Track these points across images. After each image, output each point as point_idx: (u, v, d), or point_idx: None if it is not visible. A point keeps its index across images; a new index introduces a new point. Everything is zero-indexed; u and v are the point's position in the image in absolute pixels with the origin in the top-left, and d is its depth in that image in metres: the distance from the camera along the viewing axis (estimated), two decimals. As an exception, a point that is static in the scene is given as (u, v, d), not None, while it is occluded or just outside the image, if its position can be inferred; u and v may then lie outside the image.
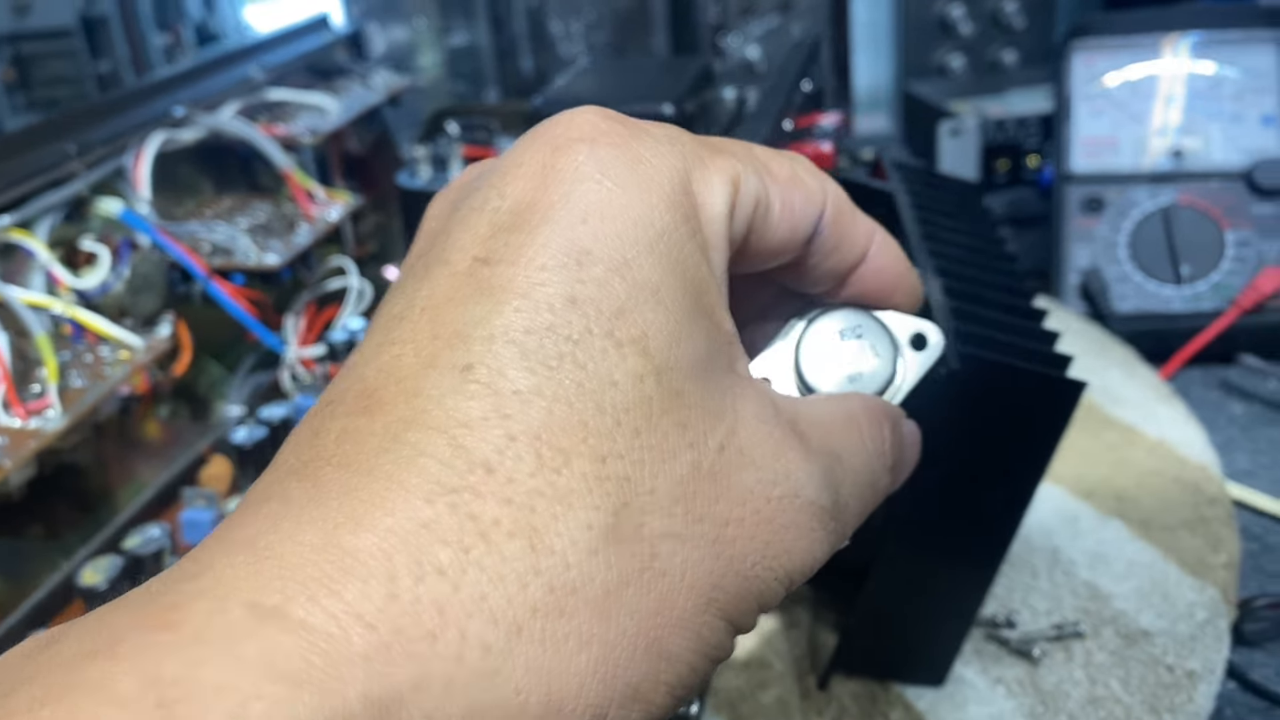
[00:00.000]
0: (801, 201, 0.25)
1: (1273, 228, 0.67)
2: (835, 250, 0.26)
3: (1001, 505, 0.37)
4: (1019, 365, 0.34)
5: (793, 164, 0.25)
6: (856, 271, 0.27)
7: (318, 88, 0.74)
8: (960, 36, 1.34)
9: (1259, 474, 0.58)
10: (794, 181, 0.25)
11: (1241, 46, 0.71)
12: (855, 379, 0.27)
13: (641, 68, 0.68)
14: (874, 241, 0.27)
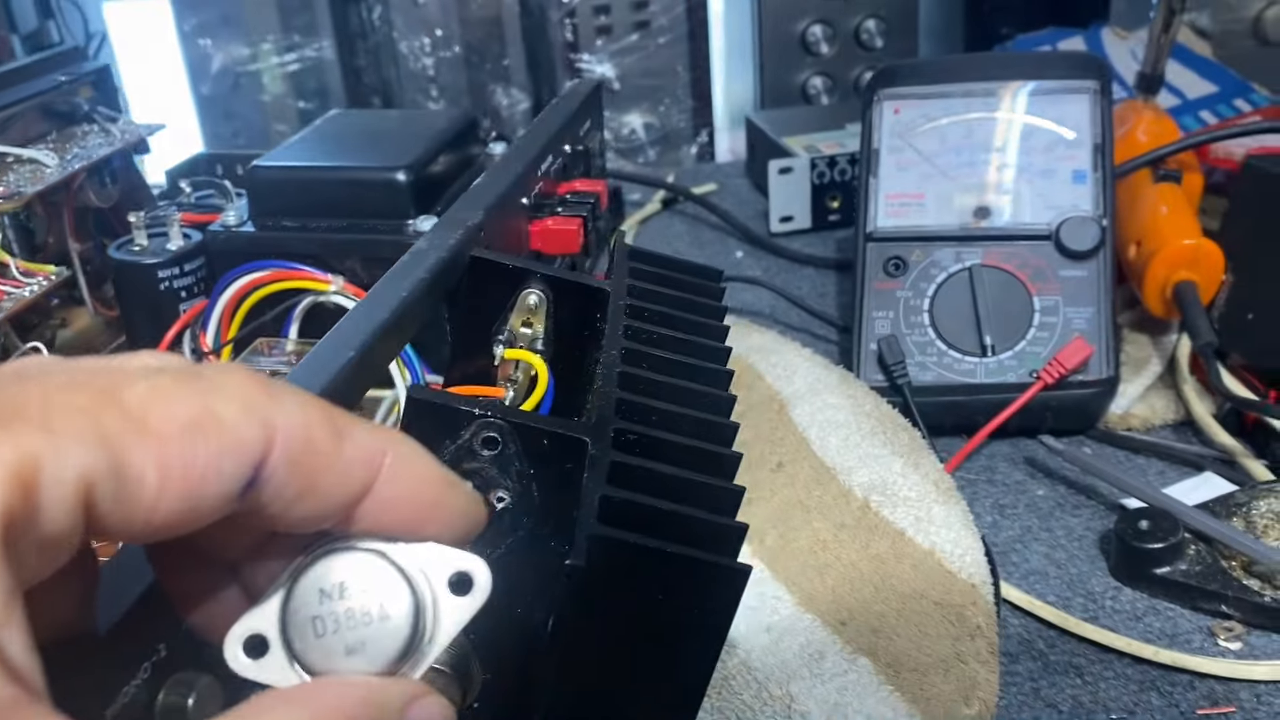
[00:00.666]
0: (209, 456, 0.19)
1: (1080, 293, 0.63)
2: (307, 494, 0.20)
3: (666, 693, 0.32)
4: (664, 550, 0.29)
5: (207, 401, 0.19)
6: (362, 506, 0.21)
7: (50, 136, 0.66)
8: (820, 56, 1.30)
9: (1051, 574, 0.54)
10: (193, 432, 0.19)
11: (1055, 97, 0.67)
12: (355, 649, 0.21)
13: (387, 123, 0.62)
14: (382, 467, 0.21)
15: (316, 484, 0.20)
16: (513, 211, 0.49)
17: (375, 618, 0.21)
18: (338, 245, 0.51)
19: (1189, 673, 0.47)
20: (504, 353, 0.41)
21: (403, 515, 0.22)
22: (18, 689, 0.16)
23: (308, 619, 0.21)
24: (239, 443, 0.19)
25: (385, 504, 0.21)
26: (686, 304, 0.42)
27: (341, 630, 0.21)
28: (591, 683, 0.31)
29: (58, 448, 0.17)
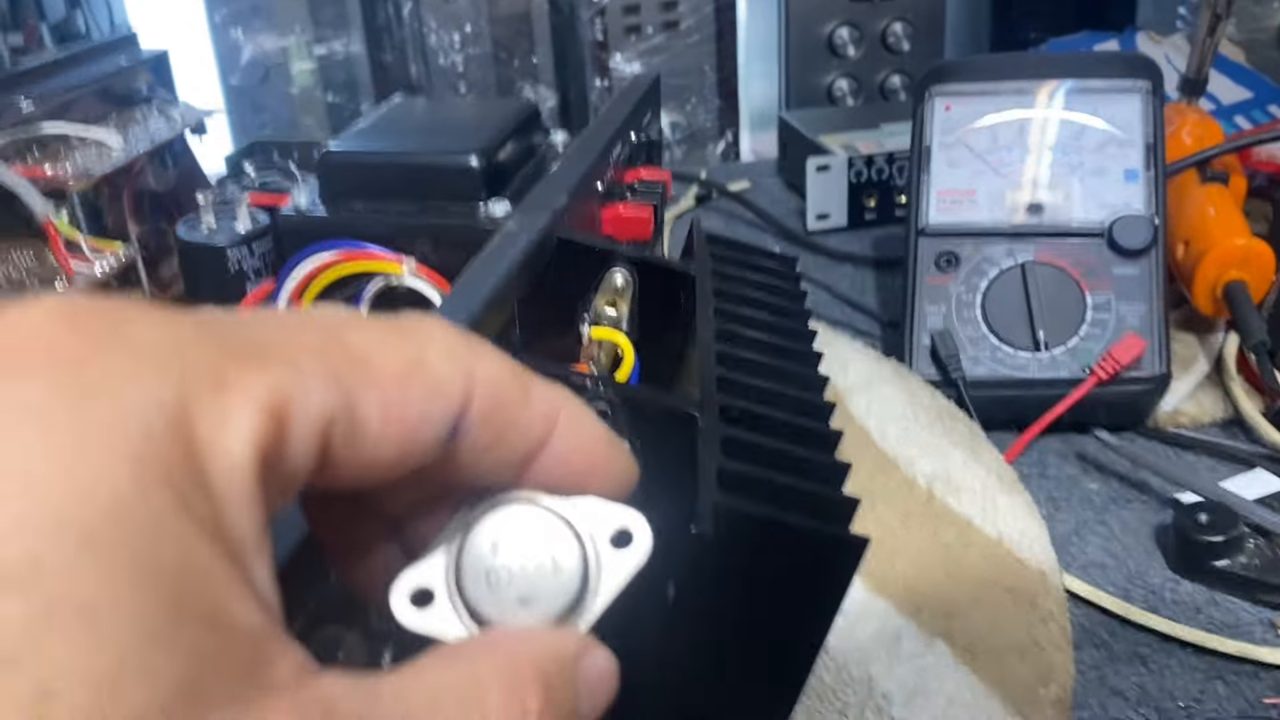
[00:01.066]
0: (422, 401, 0.19)
1: (1133, 290, 0.63)
2: (496, 445, 0.21)
3: (776, 671, 0.32)
4: (787, 521, 0.29)
5: (419, 348, 0.19)
6: (536, 460, 0.22)
7: (110, 118, 0.67)
8: (847, 58, 1.31)
9: (1110, 566, 0.54)
10: (410, 377, 0.19)
11: (1107, 96, 0.67)
12: (529, 600, 0.22)
13: (454, 110, 0.62)
14: (558, 423, 0.22)
15: (505, 435, 0.21)
16: (588, 197, 0.49)
17: (548, 569, 0.22)
18: (410, 228, 0.52)
19: (1254, 663, 0.47)
20: (591, 331, 0.42)
21: (571, 470, 0.22)
22: (269, 620, 0.16)
23: (482, 570, 0.21)
24: (446, 391, 0.19)
25: (558, 459, 0.22)
26: (771, 288, 0.43)
27: (515, 581, 0.21)
28: (704, 656, 0.32)
29: (305, 384, 0.17)
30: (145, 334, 0.16)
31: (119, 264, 0.56)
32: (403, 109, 0.61)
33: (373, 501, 0.23)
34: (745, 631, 0.31)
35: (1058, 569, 0.47)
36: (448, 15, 1.29)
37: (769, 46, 1.34)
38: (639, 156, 0.59)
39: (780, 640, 0.32)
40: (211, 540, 0.15)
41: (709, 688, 0.32)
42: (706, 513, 0.29)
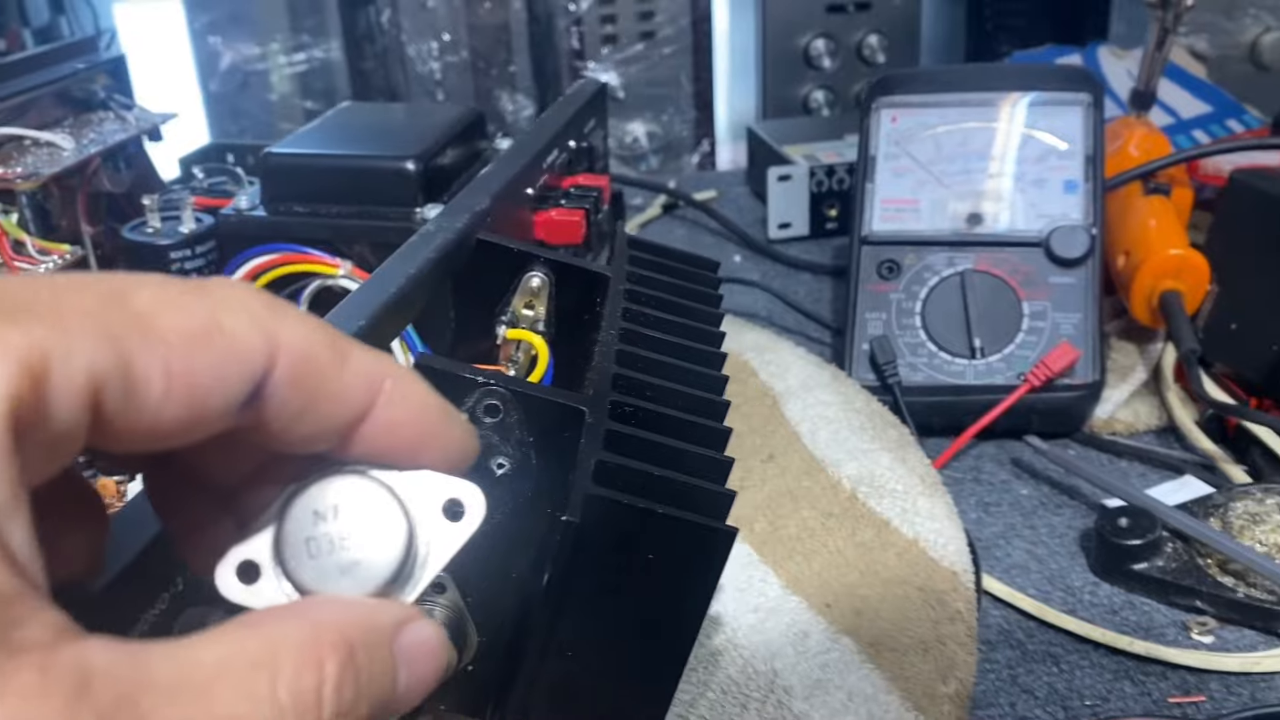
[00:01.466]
0: (214, 364, 0.19)
1: (1069, 299, 0.64)
2: (308, 411, 0.21)
3: (652, 654, 0.33)
4: (655, 511, 0.30)
5: (212, 310, 0.19)
6: (360, 429, 0.22)
7: (66, 121, 0.68)
8: (823, 70, 1.32)
9: (1033, 569, 0.55)
10: (200, 339, 0.19)
11: (1049, 109, 0.68)
12: (350, 570, 0.22)
13: (398, 116, 0.63)
14: (382, 391, 0.22)
15: (317, 402, 0.20)
16: (518, 201, 0.50)
17: (369, 540, 0.22)
18: (347, 231, 0.53)
19: (1162, 664, 0.48)
20: (506, 332, 0.43)
21: (400, 441, 0.22)
22: (20, 581, 0.16)
23: (301, 540, 0.21)
24: (244, 353, 0.19)
25: (383, 428, 0.22)
26: (683, 290, 0.44)
27: (335, 551, 0.22)
28: (579, 642, 0.33)
29: (68, 342, 0.17)
30: None
31: (64, 265, 0.57)
32: (348, 114, 0.62)
33: (206, 471, 0.23)
34: (620, 616, 0.32)
35: (971, 570, 0.48)
36: (426, 23, 1.30)
37: (746, 58, 1.36)
38: (580, 163, 0.60)
39: (654, 624, 0.33)
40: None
41: (589, 670, 0.33)
42: (577, 502, 0.30)
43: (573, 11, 1.27)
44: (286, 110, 1.35)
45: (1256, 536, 0.53)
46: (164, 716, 0.17)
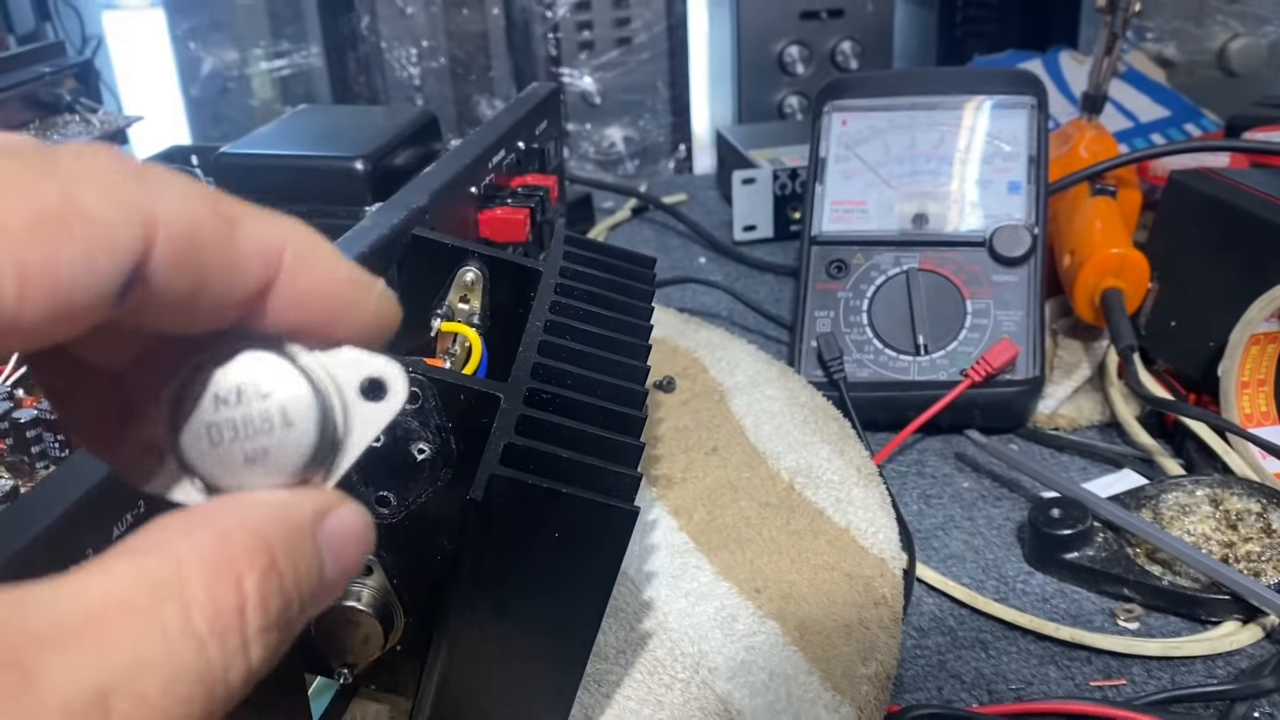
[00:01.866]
0: (75, 255, 0.16)
1: (1011, 297, 0.66)
2: (199, 291, 0.18)
3: (560, 630, 0.34)
4: (559, 490, 0.31)
5: (65, 189, 0.16)
6: (266, 305, 0.19)
7: (33, 123, 0.69)
8: (797, 76, 1.33)
9: (968, 559, 0.56)
10: (54, 228, 0.16)
11: (994, 111, 0.70)
12: (257, 459, 0.19)
13: (351, 117, 0.65)
14: (282, 261, 0.19)
15: (207, 280, 0.18)
16: (461, 199, 0.52)
17: (277, 423, 0.20)
18: (297, 229, 0.54)
19: (1087, 649, 0.50)
20: (441, 325, 0.44)
21: (308, 314, 0.20)
22: None
23: (201, 428, 0.19)
24: (112, 239, 0.16)
25: (287, 302, 0.19)
26: (614, 285, 0.45)
27: (240, 438, 0.19)
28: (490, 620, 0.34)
29: None
30: None
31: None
32: (303, 116, 0.63)
33: (91, 358, 0.20)
34: (528, 595, 0.34)
35: (899, 557, 0.49)
36: (405, 29, 1.31)
37: (723, 64, 1.37)
38: (530, 164, 0.61)
39: (562, 603, 0.34)
40: None
41: (501, 646, 0.35)
42: (483, 482, 0.31)
43: (550, 18, 1.28)
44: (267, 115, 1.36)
45: (1185, 527, 0.54)
46: (54, 674, 0.15)
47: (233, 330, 0.20)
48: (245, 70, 1.34)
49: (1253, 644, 0.49)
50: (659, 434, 0.59)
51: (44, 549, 0.26)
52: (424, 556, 0.37)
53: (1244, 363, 0.59)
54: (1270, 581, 0.50)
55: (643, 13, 1.29)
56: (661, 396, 0.63)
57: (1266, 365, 0.59)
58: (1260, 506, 0.54)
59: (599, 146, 1.33)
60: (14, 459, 0.49)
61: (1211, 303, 0.63)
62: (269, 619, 0.17)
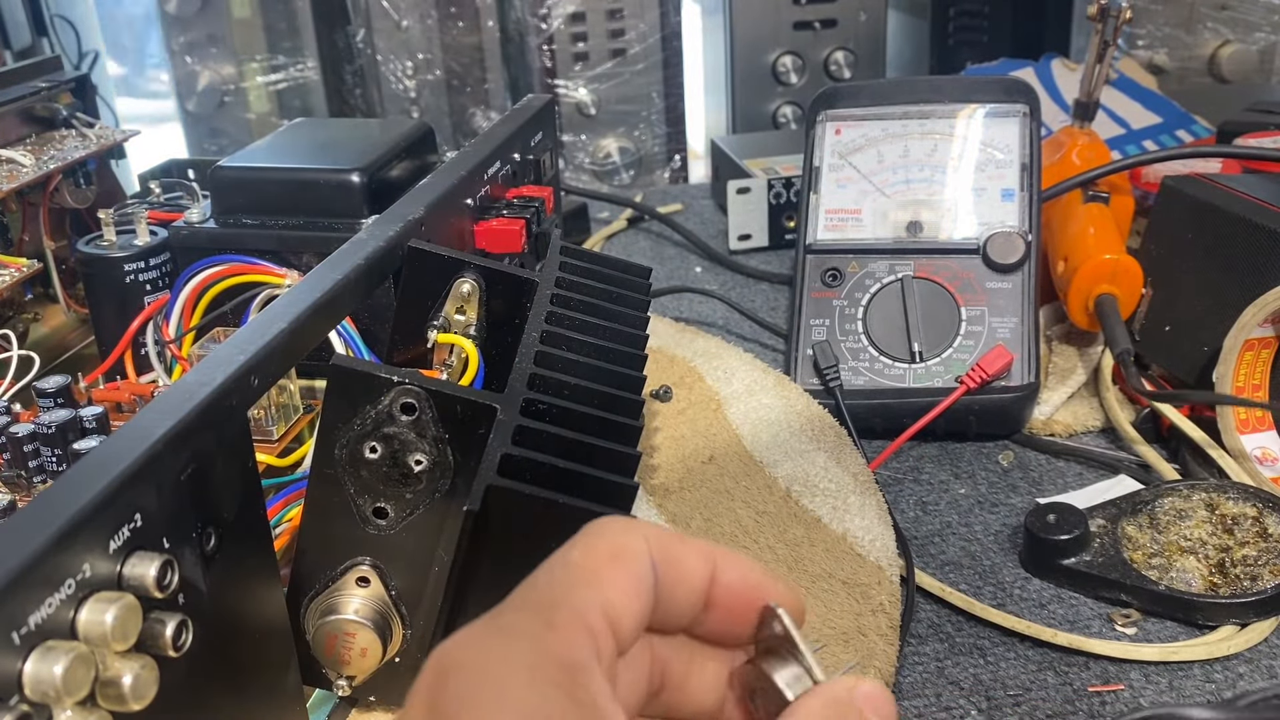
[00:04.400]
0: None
1: (1005, 304, 0.66)
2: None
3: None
4: (556, 500, 0.32)
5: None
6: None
7: (29, 138, 0.69)
8: (791, 86, 1.34)
9: (965, 565, 0.56)
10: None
11: (987, 119, 0.70)
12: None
13: (348, 130, 0.65)
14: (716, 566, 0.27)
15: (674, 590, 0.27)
16: (457, 211, 0.52)
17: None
18: (294, 242, 0.54)
19: (1084, 654, 0.50)
20: (437, 337, 0.44)
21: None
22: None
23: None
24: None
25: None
26: (610, 295, 0.45)
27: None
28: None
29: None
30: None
31: (23, 278, 0.58)
32: (299, 129, 0.63)
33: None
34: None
35: (896, 564, 0.49)
36: (401, 43, 1.32)
37: (717, 75, 1.38)
38: (526, 175, 0.61)
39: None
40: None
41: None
42: (479, 492, 0.31)
43: (544, 30, 1.28)
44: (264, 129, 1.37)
45: (1181, 531, 0.54)
46: None
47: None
48: (242, 84, 1.35)
49: (1249, 648, 0.49)
50: (656, 443, 0.59)
51: (40, 565, 0.26)
52: (421, 567, 0.38)
53: (1238, 368, 0.59)
54: (1267, 585, 0.51)
55: (637, 24, 1.30)
56: (658, 405, 0.63)
57: (1261, 370, 0.59)
58: (1256, 510, 0.54)
59: (594, 157, 1.33)
60: (11, 474, 0.49)
61: (1205, 308, 0.63)
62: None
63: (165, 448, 0.30)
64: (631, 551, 0.25)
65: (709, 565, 0.27)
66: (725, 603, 0.27)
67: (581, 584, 0.24)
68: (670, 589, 0.26)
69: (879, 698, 0.26)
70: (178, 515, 0.31)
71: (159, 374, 0.57)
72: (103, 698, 0.27)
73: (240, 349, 0.35)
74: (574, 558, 0.25)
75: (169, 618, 0.29)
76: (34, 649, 0.26)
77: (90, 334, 0.66)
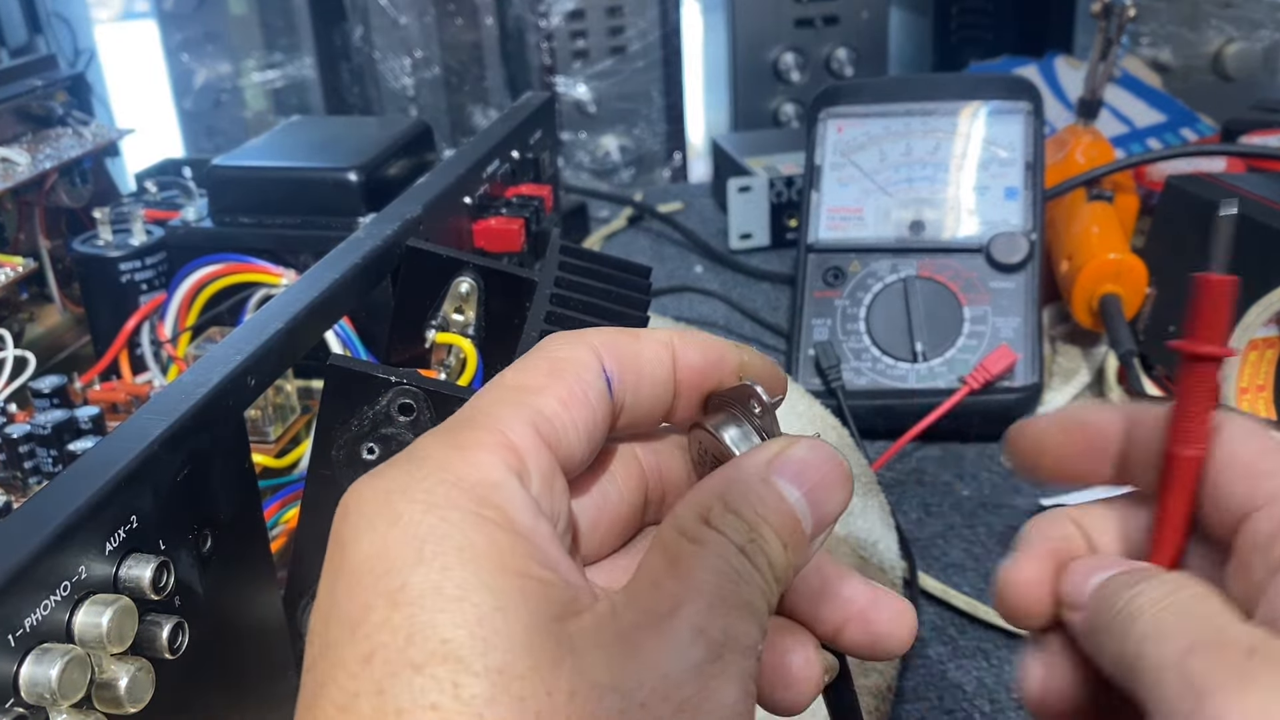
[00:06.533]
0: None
1: (1009, 304, 0.65)
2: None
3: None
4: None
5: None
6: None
7: (25, 137, 0.69)
8: (792, 83, 1.33)
9: (969, 567, 0.56)
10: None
11: (990, 118, 0.70)
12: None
13: (345, 128, 0.65)
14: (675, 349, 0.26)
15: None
16: (455, 210, 0.51)
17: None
18: (291, 241, 0.54)
19: (1089, 657, 0.49)
20: (435, 336, 0.44)
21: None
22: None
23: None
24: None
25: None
26: (609, 294, 0.45)
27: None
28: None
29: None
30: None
31: (17, 278, 0.58)
32: (296, 128, 0.63)
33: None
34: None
35: (899, 566, 0.49)
36: (399, 40, 1.31)
37: (719, 72, 1.37)
38: (525, 173, 0.61)
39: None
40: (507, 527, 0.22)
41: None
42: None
43: (544, 27, 1.28)
44: (261, 127, 1.36)
45: (1186, 533, 0.54)
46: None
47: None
48: (238, 82, 1.34)
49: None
50: (656, 444, 0.59)
51: (36, 566, 0.25)
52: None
53: (1242, 368, 0.59)
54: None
55: (637, 21, 1.29)
56: (659, 406, 0.62)
57: (1265, 370, 0.59)
58: (1261, 512, 0.54)
59: (594, 155, 1.32)
60: (7, 475, 0.48)
61: (1210, 307, 0.63)
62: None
63: (161, 449, 0.30)
64: (573, 362, 0.24)
65: (668, 352, 0.25)
66: (693, 383, 0.26)
67: (506, 402, 0.23)
68: (634, 389, 0.25)
69: (808, 464, 0.24)
70: (174, 517, 0.30)
71: (155, 374, 0.57)
72: (98, 700, 0.27)
73: (237, 349, 0.34)
74: (508, 379, 0.24)
75: (165, 620, 0.29)
76: (29, 651, 0.25)
77: (86, 334, 0.66)
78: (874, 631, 0.25)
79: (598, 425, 0.24)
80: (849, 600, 0.25)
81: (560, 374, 0.24)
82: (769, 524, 0.22)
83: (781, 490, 0.23)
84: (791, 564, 0.23)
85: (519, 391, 0.23)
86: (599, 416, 0.24)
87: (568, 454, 0.24)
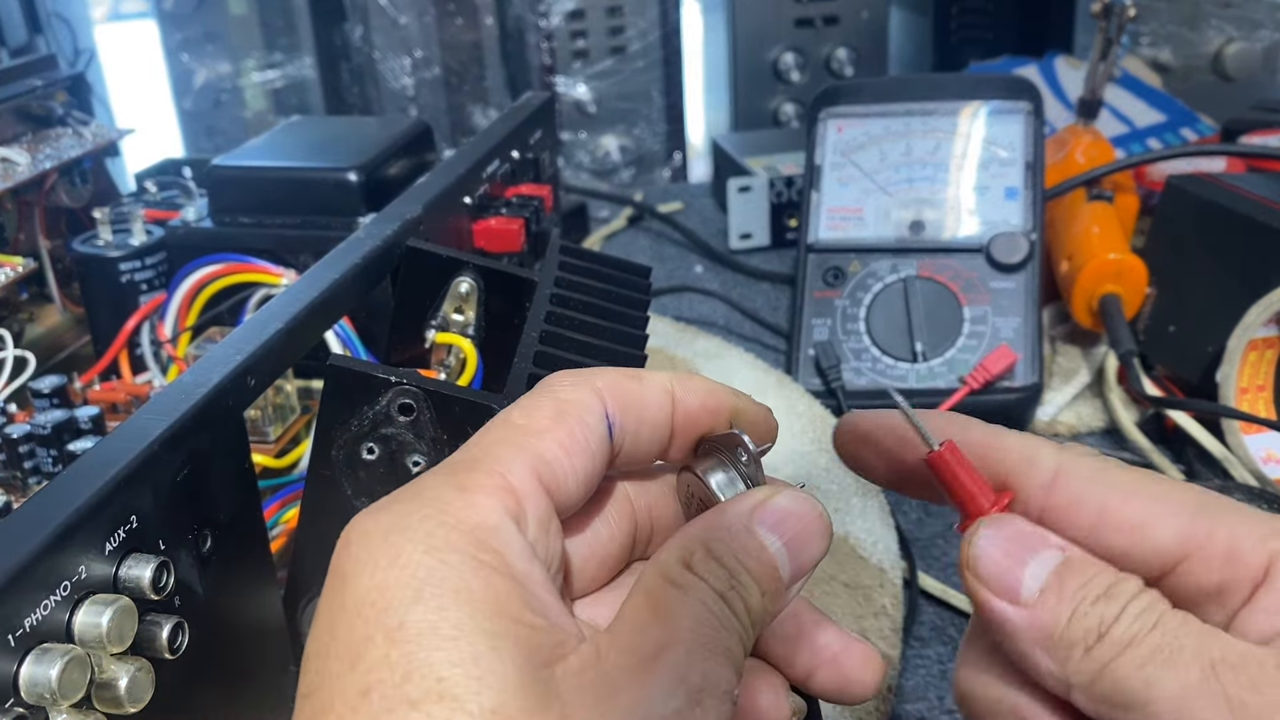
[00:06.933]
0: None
1: (1009, 304, 0.65)
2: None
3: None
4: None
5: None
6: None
7: (25, 137, 0.69)
8: (792, 83, 1.33)
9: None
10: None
11: (990, 117, 0.70)
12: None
13: (345, 128, 0.65)
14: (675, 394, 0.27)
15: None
16: (455, 210, 0.51)
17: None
18: (291, 241, 0.54)
19: (1089, 657, 0.49)
20: (435, 336, 0.44)
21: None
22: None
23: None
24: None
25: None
26: (609, 294, 0.45)
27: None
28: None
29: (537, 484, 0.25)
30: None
31: (17, 278, 0.58)
32: (296, 128, 0.63)
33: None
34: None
35: (899, 567, 0.49)
36: (399, 40, 1.31)
37: (719, 72, 1.37)
38: (525, 173, 0.61)
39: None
40: (501, 573, 0.22)
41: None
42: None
43: (544, 27, 1.28)
44: (260, 127, 1.36)
45: (1186, 533, 0.54)
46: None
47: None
48: (238, 82, 1.34)
49: (1256, 651, 0.49)
50: (656, 444, 0.59)
51: (36, 566, 0.25)
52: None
53: (1243, 368, 0.59)
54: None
55: (637, 21, 1.29)
56: (659, 406, 0.62)
57: (1265, 370, 0.59)
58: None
59: (594, 155, 1.32)
60: (7, 475, 0.48)
61: (1209, 308, 0.63)
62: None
63: (161, 449, 0.30)
64: (577, 405, 0.25)
65: (669, 398, 0.26)
66: (689, 426, 0.26)
67: (509, 443, 0.24)
68: (634, 433, 0.26)
69: (790, 514, 0.24)
70: (174, 517, 0.30)
71: (155, 374, 0.57)
72: (98, 700, 0.27)
73: (237, 349, 0.34)
74: (513, 417, 0.25)
75: (165, 620, 0.29)
76: (29, 651, 0.25)
77: (86, 334, 0.66)
78: (844, 676, 0.26)
79: (596, 470, 0.25)
80: (823, 646, 0.26)
81: (564, 417, 0.24)
82: (749, 571, 0.23)
83: (763, 539, 0.24)
84: (768, 610, 0.23)
85: (522, 433, 0.24)
86: (598, 462, 0.25)
87: (565, 498, 0.24)
